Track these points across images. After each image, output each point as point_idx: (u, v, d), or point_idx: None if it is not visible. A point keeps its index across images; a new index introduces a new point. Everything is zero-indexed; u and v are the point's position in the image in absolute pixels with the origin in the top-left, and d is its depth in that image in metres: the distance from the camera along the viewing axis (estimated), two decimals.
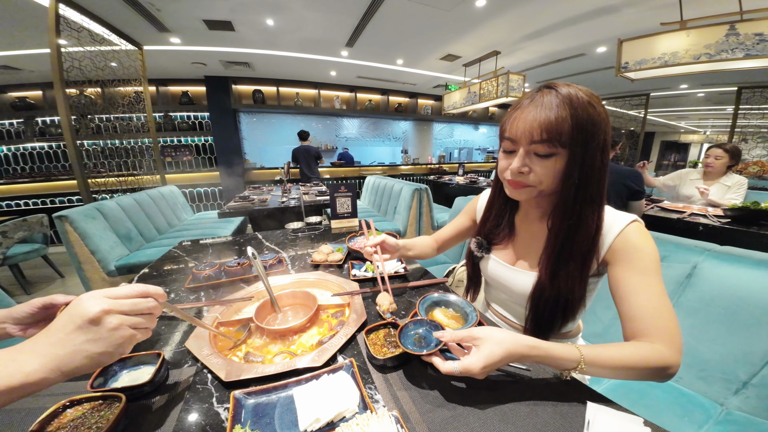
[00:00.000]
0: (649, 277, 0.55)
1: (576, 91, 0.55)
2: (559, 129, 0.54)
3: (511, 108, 0.62)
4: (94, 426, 0.43)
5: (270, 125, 5.77)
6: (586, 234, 0.59)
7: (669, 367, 0.50)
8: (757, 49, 1.93)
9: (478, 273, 0.86)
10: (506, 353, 0.48)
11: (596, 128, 0.55)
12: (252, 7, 2.81)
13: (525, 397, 0.50)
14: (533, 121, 0.55)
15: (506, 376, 0.55)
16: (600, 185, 0.59)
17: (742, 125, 4.74)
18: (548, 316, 0.65)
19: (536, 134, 0.55)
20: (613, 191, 1.77)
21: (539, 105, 0.56)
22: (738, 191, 2.27)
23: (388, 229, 2.84)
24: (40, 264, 3.18)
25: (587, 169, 0.56)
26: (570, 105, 0.54)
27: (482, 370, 0.47)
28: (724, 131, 11.18)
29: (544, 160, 0.57)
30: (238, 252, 1.27)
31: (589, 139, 0.55)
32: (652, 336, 0.52)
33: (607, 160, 0.59)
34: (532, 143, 0.56)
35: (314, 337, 0.68)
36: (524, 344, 0.50)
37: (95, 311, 0.38)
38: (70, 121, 2.44)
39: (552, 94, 0.55)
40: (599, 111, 0.56)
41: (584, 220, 0.59)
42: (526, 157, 0.58)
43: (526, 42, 3.69)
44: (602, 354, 0.51)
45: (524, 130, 0.56)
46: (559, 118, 0.53)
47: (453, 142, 7.82)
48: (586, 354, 0.50)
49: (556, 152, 0.56)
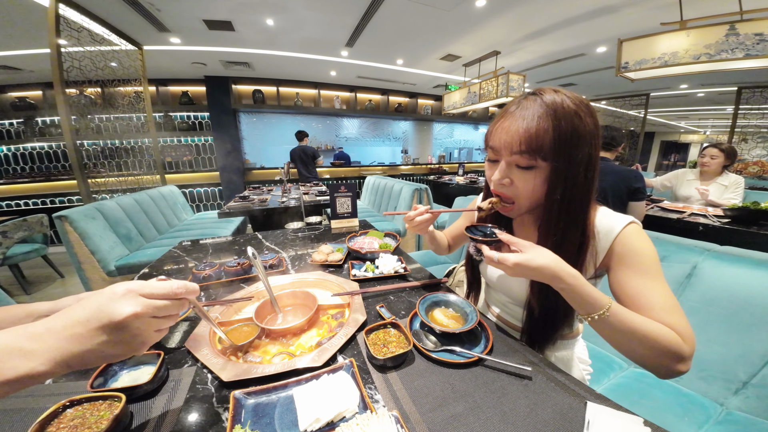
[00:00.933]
0: (651, 277, 0.54)
1: (563, 100, 0.52)
2: (540, 141, 0.52)
3: (498, 115, 0.60)
4: (94, 426, 0.42)
5: (270, 125, 5.77)
6: (568, 252, 0.57)
7: (683, 357, 0.48)
8: (757, 49, 1.93)
9: (478, 277, 0.86)
10: (544, 265, 0.48)
11: (581, 141, 0.52)
12: (252, 7, 2.81)
13: (525, 397, 0.50)
14: (515, 132, 0.54)
15: (506, 375, 0.55)
16: (584, 203, 0.57)
17: (742, 125, 4.74)
18: (544, 319, 0.65)
19: (516, 146, 0.53)
20: (612, 192, 1.76)
21: (522, 115, 0.54)
22: (736, 191, 2.27)
23: (388, 229, 2.84)
24: (40, 264, 3.18)
25: (570, 185, 0.54)
26: (553, 115, 0.51)
27: (514, 265, 0.49)
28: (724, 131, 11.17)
29: (524, 173, 0.56)
30: (238, 252, 1.27)
31: (573, 152, 0.52)
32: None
33: (592, 176, 0.55)
34: (513, 154, 0.55)
35: (314, 338, 0.68)
36: (564, 268, 0.49)
37: (126, 314, 0.33)
38: (70, 121, 2.44)
39: (536, 103, 0.53)
40: (586, 122, 0.52)
41: (567, 238, 0.57)
42: (507, 169, 0.57)
43: (526, 42, 3.68)
44: (628, 313, 0.50)
45: (505, 141, 0.55)
46: (540, 130, 0.51)
47: (453, 142, 7.81)
48: (614, 304, 0.50)
49: (536, 165, 0.54)
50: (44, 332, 0.31)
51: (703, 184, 2.40)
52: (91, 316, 0.33)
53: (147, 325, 0.36)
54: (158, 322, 0.38)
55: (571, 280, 0.49)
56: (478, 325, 0.66)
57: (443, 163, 7.11)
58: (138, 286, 0.36)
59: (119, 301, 0.34)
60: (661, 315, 0.51)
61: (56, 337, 0.31)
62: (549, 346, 0.71)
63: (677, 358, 0.48)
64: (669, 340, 0.48)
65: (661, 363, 0.50)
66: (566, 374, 0.55)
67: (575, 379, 0.54)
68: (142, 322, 0.35)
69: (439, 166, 7.00)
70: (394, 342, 0.61)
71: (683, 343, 0.48)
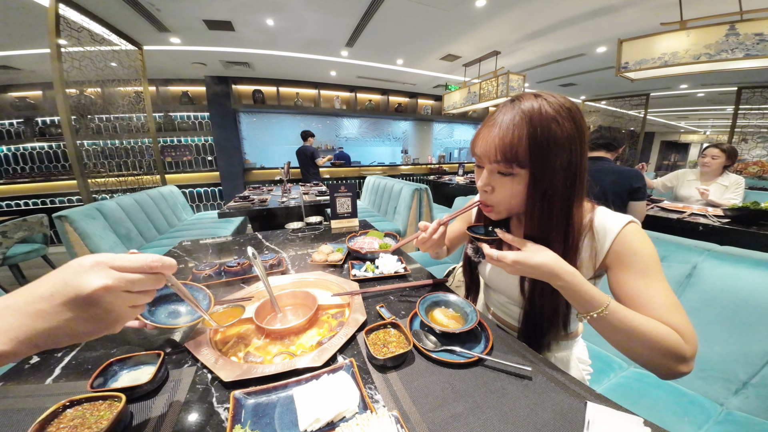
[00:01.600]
0: (651, 277, 0.54)
1: (540, 105, 0.51)
2: (513, 150, 0.52)
3: (483, 121, 0.61)
4: (94, 426, 0.42)
5: (270, 125, 5.77)
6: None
7: (684, 357, 0.48)
8: (757, 49, 1.93)
9: (476, 279, 0.86)
10: (542, 262, 0.50)
11: (557, 148, 0.51)
12: (252, 7, 2.81)
13: (525, 397, 0.50)
14: (491, 140, 0.54)
15: (506, 375, 0.55)
16: (565, 208, 0.56)
17: (742, 125, 4.74)
18: (540, 317, 0.65)
19: (492, 155, 0.54)
20: (612, 191, 1.75)
21: (499, 123, 0.54)
22: (736, 191, 2.27)
23: (388, 229, 2.84)
24: (40, 264, 3.17)
25: (549, 192, 0.54)
26: (529, 122, 0.51)
27: (513, 262, 0.50)
28: (724, 131, 11.18)
29: (503, 180, 0.56)
30: (238, 252, 1.27)
31: (549, 159, 0.51)
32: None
33: (573, 182, 0.54)
34: (491, 163, 0.56)
35: (314, 338, 0.68)
36: (562, 266, 0.50)
37: (95, 287, 0.30)
38: (70, 121, 2.44)
39: (514, 110, 0.53)
40: (565, 127, 0.51)
41: (549, 243, 0.56)
42: (489, 176, 0.58)
43: (526, 42, 3.69)
44: (628, 311, 0.50)
45: (484, 150, 0.56)
46: (515, 138, 0.51)
47: (453, 142, 7.81)
48: (613, 303, 0.50)
49: (513, 172, 0.54)
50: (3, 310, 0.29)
51: (704, 184, 2.40)
52: (55, 290, 0.30)
53: (120, 300, 0.33)
54: (133, 298, 0.35)
55: (570, 278, 0.50)
56: (478, 325, 0.66)
57: (443, 163, 7.11)
58: (108, 258, 0.33)
59: (87, 274, 0.31)
60: (661, 314, 0.50)
61: (18, 314, 0.29)
62: (546, 345, 0.71)
63: (678, 358, 0.48)
64: (669, 340, 0.48)
65: (662, 363, 0.49)
66: (566, 374, 0.55)
67: (575, 379, 0.54)
68: (115, 296, 0.32)
69: (439, 166, 7.00)
70: (394, 342, 0.61)
71: (684, 343, 0.48)
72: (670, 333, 0.48)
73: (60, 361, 0.61)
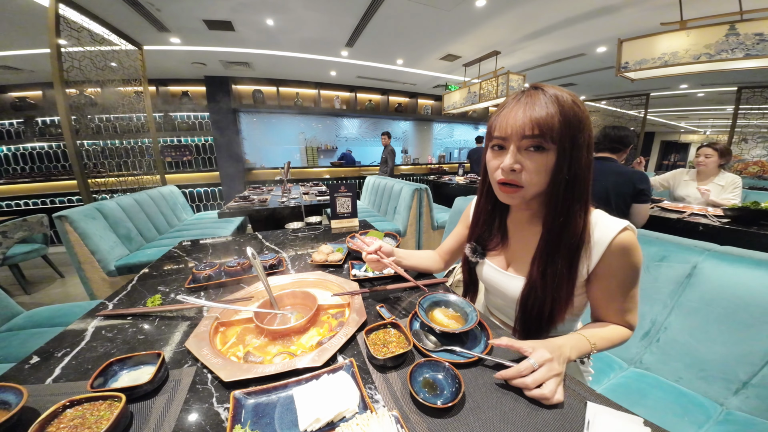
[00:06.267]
0: (628, 287, 0.63)
1: (560, 92, 0.58)
2: (550, 124, 0.55)
3: (498, 108, 0.63)
4: (94, 426, 0.42)
5: (270, 125, 5.76)
6: (574, 231, 0.60)
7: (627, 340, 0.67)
8: (757, 49, 1.93)
9: (475, 278, 0.86)
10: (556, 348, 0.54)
11: (582, 125, 0.57)
12: (252, 7, 2.81)
13: (525, 397, 0.50)
14: (524, 117, 0.57)
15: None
16: (586, 183, 0.61)
17: (742, 125, 4.74)
18: (536, 317, 0.66)
19: (528, 130, 0.56)
20: (615, 193, 1.71)
21: (528, 103, 0.57)
22: (734, 191, 2.27)
23: (388, 229, 2.84)
24: (40, 264, 3.18)
25: (575, 166, 0.58)
26: (557, 103, 0.56)
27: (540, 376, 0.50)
28: (724, 131, 11.17)
29: (535, 156, 0.58)
30: (238, 252, 1.27)
31: (577, 135, 0.57)
32: (618, 323, 0.67)
33: (591, 158, 0.61)
34: (524, 138, 0.57)
35: (314, 338, 0.68)
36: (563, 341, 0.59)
37: None
38: (70, 121, 2.44)
39: (540, 93, 0.58)
40: (583, 110, 0.58)
41: (572, 217, 0.60)
42: (518, 154, 0.59)
43: (526, 42, 3.68)
44: (600, 337, 0.64)
45: (515, 127, 0.58)
46: (549, 115, 0.55)
47: (453, 142, 7.81)
48: (595, 341, 0.62)
49: (547, 147, 0.57)
50: None
51: (701, 184, 2.40)
52: None
53: None
54: None
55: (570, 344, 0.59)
56: (478, 325, 0.66)
57: (443, 163, 7.11)
58: None
59: None
60: (624, 317, 0.66)
61: None
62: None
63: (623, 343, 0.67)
64: (625, 337, 0.66)
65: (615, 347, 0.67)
66: (566, 374, 0.55)
67: (575, 379, 0.54)
68: None
69: (439, 166, 7.00)
70: (394, 342, 0.61)
71: (630, 333, 0.67)
72: (623, 333, 0.66)
73: (60, 361, 0.61)
